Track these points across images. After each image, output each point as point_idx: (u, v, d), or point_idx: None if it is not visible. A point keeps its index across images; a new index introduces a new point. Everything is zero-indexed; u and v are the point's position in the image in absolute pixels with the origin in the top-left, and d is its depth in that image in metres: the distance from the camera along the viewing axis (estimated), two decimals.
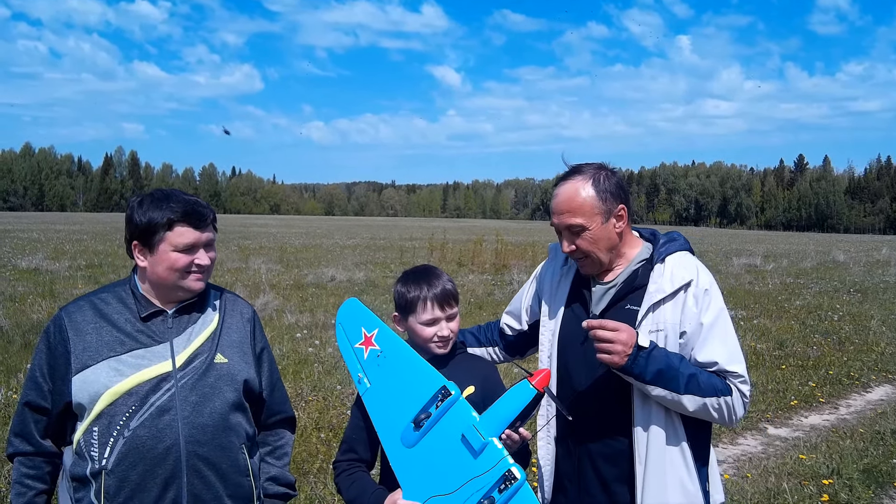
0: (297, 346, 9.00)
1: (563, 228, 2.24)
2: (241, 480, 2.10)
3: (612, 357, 2.05)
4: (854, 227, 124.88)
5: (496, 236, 25.59)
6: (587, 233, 2.20)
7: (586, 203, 2.19)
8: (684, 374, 2.09)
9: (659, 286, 2.19)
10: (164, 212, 2.02)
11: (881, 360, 9.31)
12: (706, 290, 2.18)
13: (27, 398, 2.06)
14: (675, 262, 2.22)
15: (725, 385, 2.14)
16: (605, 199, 2.20)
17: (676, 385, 2.08)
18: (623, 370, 2.08)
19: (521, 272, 17.73)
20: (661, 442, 2.16)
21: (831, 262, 27.94)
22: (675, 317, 2.17)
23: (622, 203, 2.23)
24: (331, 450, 5.25)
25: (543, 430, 2.36)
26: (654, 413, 2.16)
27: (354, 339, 2.19)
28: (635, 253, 2.30)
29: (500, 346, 2.63)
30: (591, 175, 2.22)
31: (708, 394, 2.11)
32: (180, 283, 2.05)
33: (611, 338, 2.04)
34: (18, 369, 7.08)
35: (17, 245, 25.83)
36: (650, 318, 2.18)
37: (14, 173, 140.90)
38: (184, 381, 2.03)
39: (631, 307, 2.22)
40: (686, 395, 2.09)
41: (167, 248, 2.02)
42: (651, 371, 2.06)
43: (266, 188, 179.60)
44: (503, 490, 1.90)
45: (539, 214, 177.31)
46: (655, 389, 2.09)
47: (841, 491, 4.98)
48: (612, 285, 2.28)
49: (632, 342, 2.05)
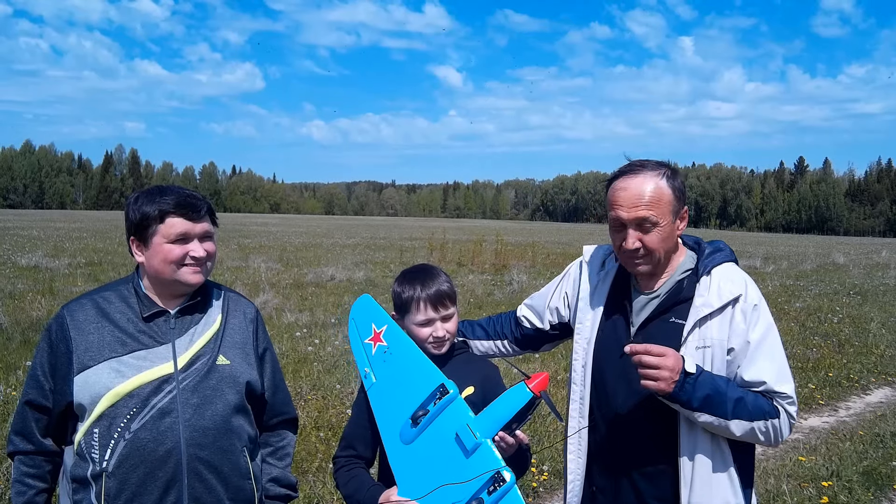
0: (296, 344, 9.00)
1: (632, 222, 2.09)
2: (243, 483, 2.09)
3: (659, 384, 1.95)
4: (854, 229, 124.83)
5: (496, 237, 25.57)
6: (658, 228, 2.08)
7: (664, 197, 2.08)
8: (731, 398, 2.00)
9: (706, 300, 2.08)
10: (157, 204, 2.01)
11: (881, 363, 9.30)
12: (755, 304, 2.08)
13: (28, 397, 2.05)
14: (723, 275, 2.12)
15: (773, 407, 2.04)
16: (678, 198, 2.11)
17: (724, 410, 2.00)
18: (670, 398, 1.99)
19: (520, 272, 17.71)
20: (707, 464, 2.08)
21: (831, 264, 27.93)
22: (722, 333, 2.06)
23: (686, 206, 2.16)
24: (330, 449, 5.25)
25: (575, 443, 2.29)
26: (700, 435, 2.08)
27: (365, 334, 2.20)
28: (679, 262, 2.20)
29: (509, 340, 2.55)
30: (665, 171, 2.12)
31: (756, 417, 2.02)
32: (176, 276, 2.03)
33: (657, 364, 1.94)
34: (17, 366, 7.07)
35: (16, 242, 25.81)
36: (696, 334, 2.08)
37: (14, 171, 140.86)
38: (185, 383, 2.01)
39: (676, 321, 2.11)
40: (733, 421, 2.01)
41: (161, 240, 2.01)
42: (698, 398, 1.97)
43: (266, 187, 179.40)
44: (492, 491, 1.89)
45: (539, 215, 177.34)
46: (702, 416, 2.00)
47: (840, 493, 4.97)
48: (655, 296, 2.18)
49: (678, 368, 1.95)
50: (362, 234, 45.59)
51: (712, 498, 2.08)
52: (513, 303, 13.14)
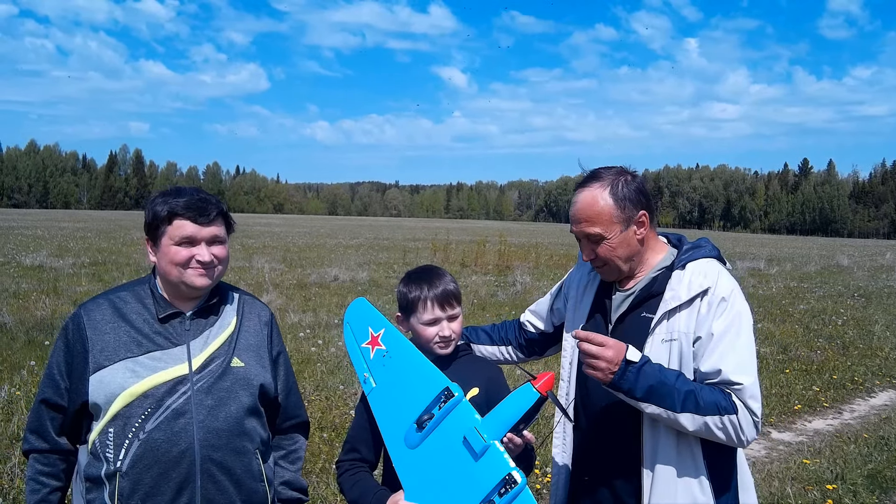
0: (299, 345, 9.00)
1: (582, 237, 2.19)
2: (256, 486, 2.09)
3: (596, 373, 1.99)
4: (858, 231, 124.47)
5: (499, 238, 25.57)
6: (606, 241, 2.14)
7: (604, 212, 2.12)
8: (680, 390, 1.98)
9: (675, 293, 2.10)
10: (167, 205, 2.02)
11: (885, 365, 9.28)
12: (723, 297, 2.07)
13: (44, 395, 2.06)
14: (696, 269, 2.13)
15: (730, 403, 2.01)
16: (623, 207, 2.13)
17: (671, 402, 1.98)
18: (612, 386, 2.00)
19: (524, 274, 17.72)
20: (670, 467, 2.07)
21: (835, 266, 27.87)
22: (689, 326, 2.07)
23: (643, 209, 2.16)
24: (333, 450, 5.25)
25: (559, 438, 2.32)
26: (664, 436, 2.08)
27: (361, 338, 2.18)
28: (658, 259, 2.23)
29: (514, 346, 2.58)
30: (610, 181, 2.14)
31: (709, 412, 1.99)
32: (182, 278, 2.03)
33: (595, 353, 1.97)
34: (22, 366, 7.09)
35: (21, 242, 25.88)
36: (664, 326, 2.10)
37: (19, 170, 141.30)
38: (200, 384, 2.02)
39: (646, 314, 2.15)
40: (683, 414, 1.98)
41: (168, 241, 2.02)
42: (641, 387, 1.97)
43: (270, 187, 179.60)
44: (503, 494, 1.88)
45: (542, 216, 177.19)
46: (649, 407, 2.00)
47: (845, 496, 4.97)
48: (631, 293, 2.21)
49: (618, 359, 1.97)
50: (365, 235, 45.61)
51: (677, 496, 2.06)
52: (516, 304, 13.16)
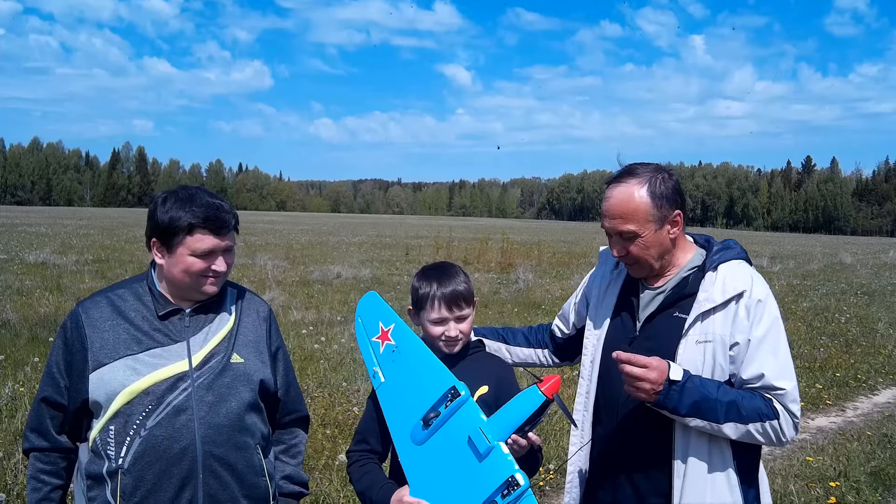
0: (302, 342, 9.02)
1: (614, 233, 2.15)
2: (257, 481, 2.10)
3: (640, 394, 1.98)
4: (861, 229, 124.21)
5: (502, 235, 25.54)
6: (640, 239, 2.11)
7: (640, 209, 2.09)
8: (723, 402, 2.00)
9: (709, 295, 2.09)
10: (187, 215, 1.99)
11: (888, 363, 9.27)
12: (759, 300, 2.06)
13: (44, 394, 2.06)
14: (728, 271, 2.11)
15: (770, 408, 2.02)
16: (660, 206, 2.10)
17: (715, 415, 2.00)
18: (656, 405, 2.00)
19: (526, 271, 17.71)
20: (702, 463, 2.08)
21: (838, 264, 27.82)
22: (725, 329, 2.06)
23: (678, 209, 2.14)
24: (336, 446, 5.26)
25: (577, 436, 2.31)
26: (695, 434, 2.08)
27: (372, 332, 2.18)
28: (687, 259, 2.21)
29: (549, 349, 2.57)
30: (648, 179, 2.11)
31: (751, 420, 2.01)
32: (194, 286, 2.05)
33: (639, 374, 1.95)
34: (25, 363, 7.11)
35: (24, 239, 25.93)
36: (698, 328, 2.08)
37: (22, 168, 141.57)
38: (200, 380, 2.02)
39: (679, 315, 2.12)
40: (726, 424, 2.00)
41: (185, 251, 2.01)
42: (686, 404, 1.98)
43: (273, 185, 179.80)
44: (506, 496, 1.87)
45: (545, 214, 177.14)
46: (693, 421, 2.01)
47: (848, 493, 4.96)
48: (661, 291, 2.19)
49: (661, 379, 1.96)
50: (368, 233, 45.64)
51: (706, 497, 2.06)
52: (518, 301, 13.17)
